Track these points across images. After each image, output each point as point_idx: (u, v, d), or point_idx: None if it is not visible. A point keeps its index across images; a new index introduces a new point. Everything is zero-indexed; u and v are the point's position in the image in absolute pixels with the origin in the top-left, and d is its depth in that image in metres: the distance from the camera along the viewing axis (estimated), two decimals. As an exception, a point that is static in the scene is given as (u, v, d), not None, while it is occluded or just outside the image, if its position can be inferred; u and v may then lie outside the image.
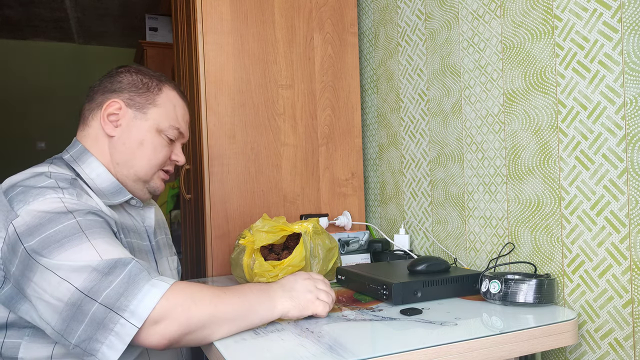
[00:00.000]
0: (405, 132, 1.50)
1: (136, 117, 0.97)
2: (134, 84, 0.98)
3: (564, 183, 0.98)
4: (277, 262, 1.14)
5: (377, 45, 1.64)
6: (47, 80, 4.71)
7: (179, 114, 1.02)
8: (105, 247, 0.77)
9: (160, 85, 1.00)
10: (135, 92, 0.97)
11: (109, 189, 0.94)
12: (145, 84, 0.98)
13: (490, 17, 1.16)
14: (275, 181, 1.50)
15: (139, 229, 1.00)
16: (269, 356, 0.71)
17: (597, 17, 0.90)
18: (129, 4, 3.86)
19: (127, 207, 1.00)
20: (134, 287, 0.74)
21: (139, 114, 0.97)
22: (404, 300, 0.96)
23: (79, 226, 0.78)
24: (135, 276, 0.75)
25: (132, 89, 0.97)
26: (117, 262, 0.76)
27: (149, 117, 0.97)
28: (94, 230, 0.79)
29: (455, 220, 1.30)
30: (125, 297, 0.73)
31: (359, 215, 1.63)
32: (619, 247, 0.88)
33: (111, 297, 0.73)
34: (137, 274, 0.75)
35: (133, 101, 0.97)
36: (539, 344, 0.80)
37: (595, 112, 0.91)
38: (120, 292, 0.73)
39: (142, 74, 1.00)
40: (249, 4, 1.48)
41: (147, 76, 1.00)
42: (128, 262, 0.76)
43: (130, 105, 0.96)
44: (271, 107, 1.51)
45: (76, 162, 0.94)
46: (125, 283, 0.74)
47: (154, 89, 0.99)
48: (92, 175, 0.93)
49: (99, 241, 0.78)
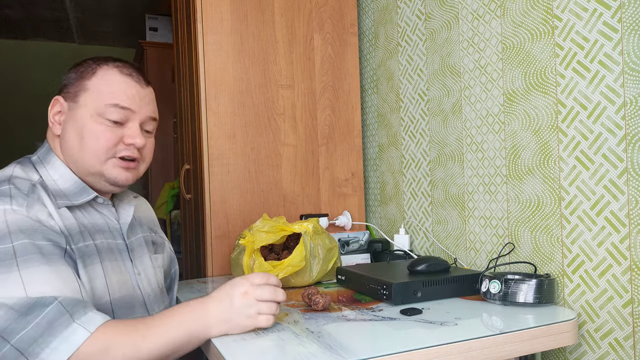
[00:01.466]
0: (405, 132, 1.50)
1: (71, 108, 0.90)
2: (71, 76, 0.92)
3: (564, 183, 0.98)
4: (277, 262, 1.14)
5: (377, 45, 1.64)
6: (47, 80, 4.71)
7: (117, 89, 0.90)
8: (34, 278, 0.72)
9: (95, 68, 0.91)
10: (71, 83, 0.92)
11: (72, 189, 0.89)
12: (80, 72, 0.92)
13: (490, 17, 1.16)
14: (275, 181, 1.50)
15: (111, 227, 0.95)
16: (269, 356, 0.71)
17: (597, 17, 0.90)
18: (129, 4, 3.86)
19: (95, 206, 0.94)
20: (50, 333, 0.69)
21: (73, 105, 0.90)
22: (404, 300, 0.95)
23: (13, 252, 0.73)
24: (54, 320, 0.70)
25: (70, 81, 0.92)
26: (37, 302, 0.71)
27: (80, 104, 0.89)
28: (28, 256, 0.74)
29: (455, 220, 1.30)
30: (38, 344, 0.69)
31: (359, 215, 1.63)
32: (619, 247, 0.88)
33: (24, 341, 0.69)
34: (57, 317, 0.70)
35: (68, 94, 0.91)
36: (539, 344, 0.80)
37: (595, 112, 0.91)
38: (34, 336, 0.69)
39: (83, 63, 0.93)
40: (249, 4, 1.48)
41: (87, 63, 0.93)
42: (49, 303, 0.71)
43: (67, 98, 0.91)
44: (271, 107, 1.51)
45: (42, 163, 0.91)
46: (42, 327, 0.69)
47: (87, 74, 0.91)
48: (55, 176, 0.89)
49: (30, 271, 0.73)
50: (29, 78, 4.70)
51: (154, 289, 1.01)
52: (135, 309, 0.92)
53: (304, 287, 1.17)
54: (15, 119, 4.62)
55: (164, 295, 1.07)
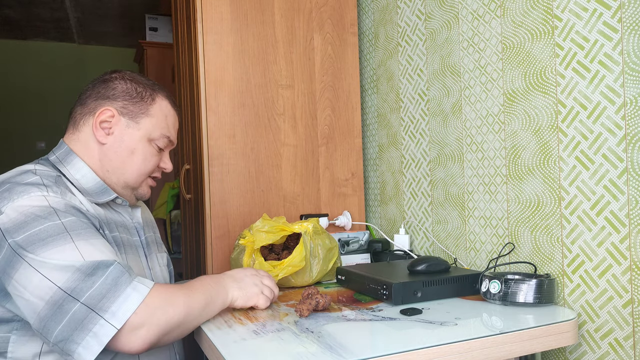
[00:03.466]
0: (405, 132, 1.50)
1: (129, 126, 0.97)
2: (128, 93, 0.98)
3: (564, 183, 0.98)
4: (277, 262, 1.14)
5: (377, 45, 1.64)
6: (47, 80, 4.71)
7: (170, 123, 1.03)
8: (88, 248, 0.78)
9: (154, 94, 1.00)
10: (129, 100, 0.97)
11: (94, 189, 0.95)
12: (140, 93, 0.99)
13: (490, 17, 1.16)
14: (275, 181, 1.50)
15: (128, 225, 1.02)
16: (269, 356, 0.71)
17: (597, 17, 0.90)
18: (129, 4, 3.86)
19: (113, 206, 1.01)
20: (116, 289, 0.75)
21: (132, 123, 0.97)
22: (404, 300, 0.96)
23: (64, 227, 0.79)
24: (117, 278, 0.76)
25: (126, 97, 0.98)
26: (100, 264, 0.77)
27: (141, 127, 0.98)
28: (78, 231, 0.80)
29: (455, 220, 1.30)
30: (107, 299, 0.74)
31: (359, 215, 1.63)
32: (619, 247, 0.88)
33: (94, 298, 0.74)
34: (119, 276, 0.77)
35: (126, 110, 0.97)
36: (539, 344, 0.80)
37: (595, 112, 0.91)
38: (102, 293, 0.74)
39: (136, 82, 1.00)
40: (249, 4, 1.48)
41: (142, 85, 1.00)
42: (110, 264, 0.78)
43: (124, 114, 0.97)
44: (271, 107, 1.51)
45: (61, 163, 0.95)
46: (108, 284, 0.75)
47: (147, 99, 0.99)
48: (77, 175, 0.94)
49: (82, 242, 0.79)
50: (29, 78, 4.70)
51: None
52: None
53: (304, 287, 1.17)
54: (16, 119, 4.62)
55: None
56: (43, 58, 4.75)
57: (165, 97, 1.03)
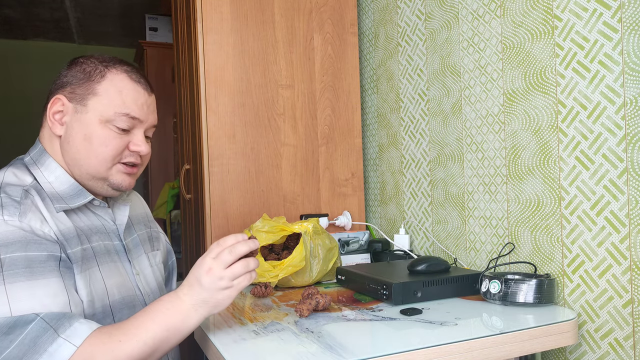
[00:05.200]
0: (405, 132, 1.50)
1: (77, 110, 0.88)
2: (76, 76, 0.89)
3: (564, 183, 0.98)
4: (277, 262, 1.14)
5: (377, 45, 1.64)
6: (47, 80, 4.71)
7: (127, 98, 0.90)
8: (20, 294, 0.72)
9: (104, 71, 0.90)
10: (76, 83, 0.89)
11: (68, 192, 0.88)
12: (87, 73, 0.89)
13: (490, 17, 1.16)
14: (275, 181, 1.50)
15: (108, 229, 0.95)
16: (269, 356, 0.71)
17: (597, 17, 0.90)
18: (129, 4, 3.86)
19: (91, 208, 0.94)
20: (35, 351, 0.69)
21: (79, 107, 0.88)
22: (404, 300, 0.95)
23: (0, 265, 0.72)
24: (37, 337, 0.70)
25: (74, 81, 0.89)
26: (18, 321, 0.70)
27: (89, 109, 0.88)
28: (16, 271, 0.73)
29: (455, 220, 1.30)
30: None
31: (359, 215, 1.63)
32: (619, 247, 0.88)
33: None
34: (41, 334, 0.70)
35: (74, 94, 0.88)
36: (539, 344, 0.80)
37: (595, 112, 0.91)
38: (19, 355, 0.69)
39: (87, 62, 0.91)
40: (249, 4, 1.48)
41: (93, 64, 0.90)
42: (31, 320, 0.70)
43: (72, 99, 0.88)
44: (271, 107, 1.51)
45: (35, 165, 0.89)
46: (26, 345, 0.69)
47: (95, 77, 0.89)
48: (51, 178, 0.88)
49: (17, 286, 0.72)
50: (29, 78, 4.70)
51: (153, 288, 1.01)
52: (137, 309, 0.92)
53: (304, 287, 1.17)
54: (15, 119, 4.62)
55: (164, 293, 1.07)
56: (43, 58, 4.75)
57: (121, 71, 0.91)
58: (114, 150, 0.89)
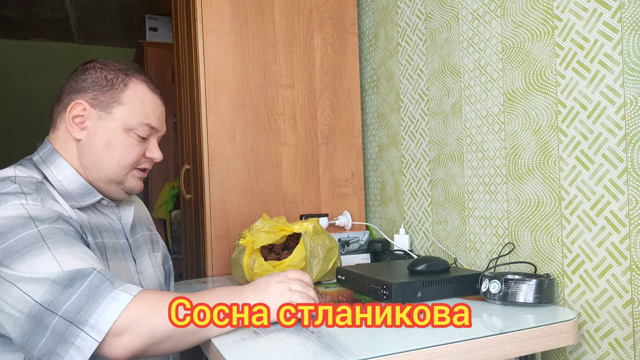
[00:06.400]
0: (405, 132, 1.50)
1: (101, 117, 0.91)
2: (98, 82, 0.92)
3: (564, 183, 0.98)
4: (277, 262, 1.14)
5: (377, 45, 1.64)
6: (47, 80, 4.71)
7: (148, 108, 0.95)
8: (67, 257, 0.75)
9: (126, 80, 0.94)
10: (99, 90, 0.92)
11: (78, 191, 0.91)
12: (110, 81, 0.92)
13: (490, 17, 1.16)
14: (275, 181, 1.50)
15: (115, 228, 0.97)
16: (269, 356, 0.71)
17: (597, 17, 0.90)
18: (129, 4, 3.86)
19: (99, 207, 0.97)
20: (95, 300, 0.72)
21: (103, 114, 0.91)
22: (404, 300, 0.95)
23: (40, 235, 0.76)
24: (96, 288, 0.73)
25: (96, 87, 0.92)
26: (78, 274, 0.73)
27: (114, 117, 0.92)
28: (56, 239, 0.77)
29: (455, 220, 1.30)
30: (85, 311, 0.71)
31: (359, 215, 1.63)
32: (619, 247, 0.88)
33: (71, 311, 0.71)
34: (98, 285, 0.73)
35: (97, 101, 0.91)
36: (539, 344, 0.80)
37: (595, 112, 0.91)
38: (80, 305, 0.71)
39: (107, 69, 0.94)
40: (249, 4, 1.48)
41: (113, 71, 0.94)
42: (89, 273, 0.74)
43: (95, 106, 0.91)
44: (271, 107, 1.51)
45: (45, 164, 0.91)
46: (85, 296, 0.72)
47: (118, 85, 0.93)
48: (60, 177, 0.90)
49: (61, 251, 0.75)
50: (29, 78, 4.70)
51: (155, 288, 1.02)
52: None
53: (304, 287, 1.17)
54: (16, 119, 4.62)
55: None
56: (43, 58, 4.75)
57: (141, 81, 0.95)
58: (134, 157, 0.94)
